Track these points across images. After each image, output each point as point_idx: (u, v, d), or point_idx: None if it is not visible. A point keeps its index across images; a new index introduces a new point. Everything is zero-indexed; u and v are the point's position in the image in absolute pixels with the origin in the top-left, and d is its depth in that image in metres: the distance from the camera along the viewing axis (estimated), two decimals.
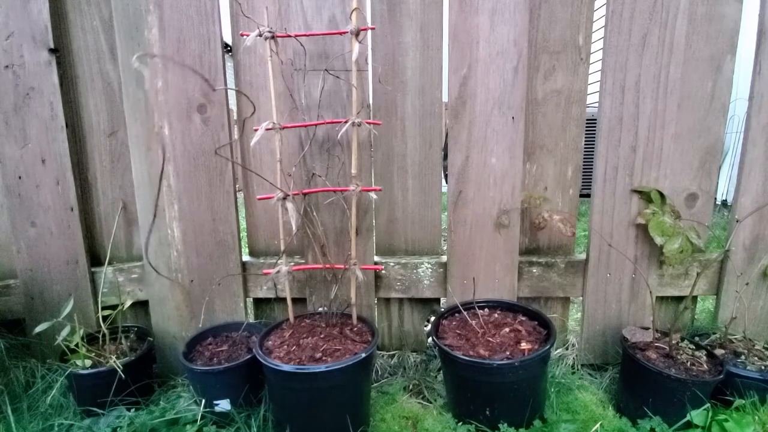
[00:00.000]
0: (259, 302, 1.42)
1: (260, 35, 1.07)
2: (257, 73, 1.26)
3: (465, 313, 1.23)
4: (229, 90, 1.23)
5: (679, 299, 1.31)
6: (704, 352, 1.11)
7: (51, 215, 1.28)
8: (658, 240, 1.17)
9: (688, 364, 1.07)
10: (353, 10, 1.06)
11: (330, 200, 1.26)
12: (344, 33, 1.11)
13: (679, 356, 1.09)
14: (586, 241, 1.30)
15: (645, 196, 1.22)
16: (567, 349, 1.37)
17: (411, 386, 1.28)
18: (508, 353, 1.05)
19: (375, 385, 1.28)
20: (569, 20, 1.22)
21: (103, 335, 1.23)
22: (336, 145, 1.23)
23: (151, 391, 1.28)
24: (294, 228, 1.10)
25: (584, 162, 1.35)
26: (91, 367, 1.15)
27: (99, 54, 1.27)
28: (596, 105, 1.22)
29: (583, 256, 1.32)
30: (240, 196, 1.37)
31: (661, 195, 1.21)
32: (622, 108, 1.19)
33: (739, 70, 1.24)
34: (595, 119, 1.22)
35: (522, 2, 1.16)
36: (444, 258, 1.33)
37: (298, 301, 1.35)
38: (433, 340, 1.17)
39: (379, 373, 1.34)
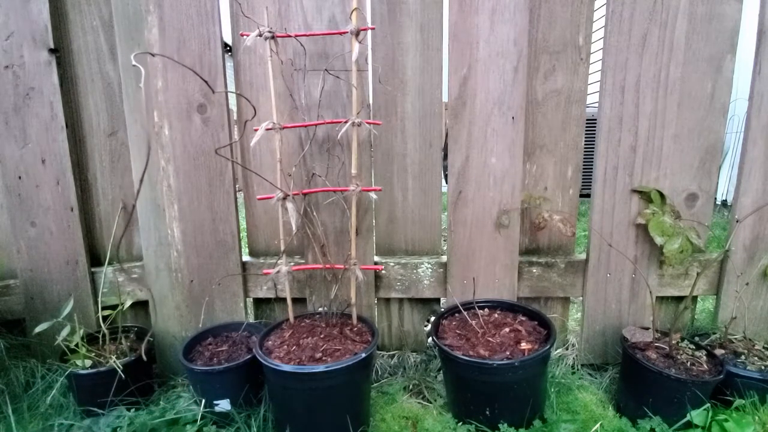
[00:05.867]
0: (259, 302, 1.42)
1: (260, 35, 1.07)
2: (257, 73, 1.26)
3: (465, 313, 1.23)
4: (230, 86, 1.23)
5: (679, 299, 1.31)
6: (704, 352, 1.11)
7: (51, 215, 1.28)
8: (658, 240, 1.17)
9: (688, 364, 1.07)
10: (353, 10, 1.06)
11: (330, 200, 1.26)
12: (344, 33, 1.11)
13: (679, 356, 1.09)
14: (586, 241, 1.30)
15: (645, 196, 1.22)
16: (567, 349, 1.37)
17: (411, 386, 1.28)
18: (508, 353, 1.05)
19: (375, 385, 1.28)
20: (569, 20, 1.22)
21: (103, 335, 1.23)
22: (336, 145, 1.23)
23: (151, 391, 1.28)
24: (294, 228, 1.10)
25: (584, 162, 1.35)
26: (91, 367, 1.15)
27: (99, 54, 1.27)
28: (596, 105, 1.22)
29: (583, 256, 1.32)
30: (240, 196, 1.37)
31: (661, 195, 1.21)
32: (622, 108, 1.19)
33: (739, 70, 1.24)
34: (595, 119, 1.22)
35: (522, 2, 1.16)
36: (444, 258, 1.33)
37: (298, 301, 1.35)
38: (433, 340, 1.17)
39: (379, 373, 1.34)
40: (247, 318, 1.35)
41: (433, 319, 1.32)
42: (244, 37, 1.12)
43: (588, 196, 1.32)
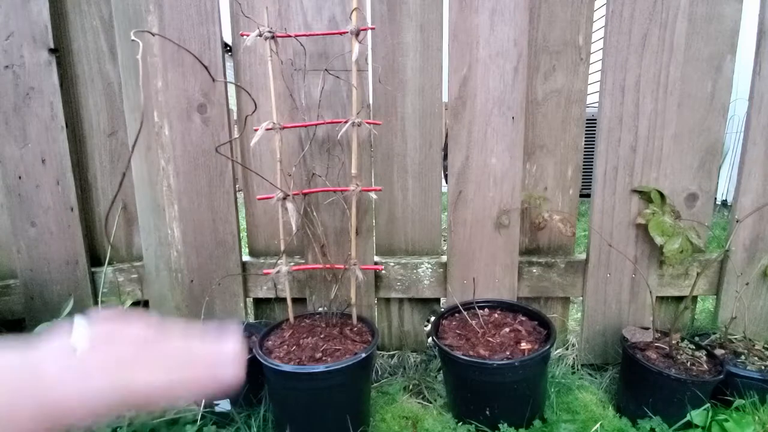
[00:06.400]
0: (259, 302, 1.42)
1: (260, 35, 1.07)
2: (257, 73, 1.26)
3: (465, 313, 1.23)
4: (229, 87, 1.23)
5: (679, 299, 1.31)
6: (704, 352, 1.11)
7: (51, 215, 1.28)
8: (658, 240, 1.17)
9: (688, 364, 1.07)
10: (353, 10, 1.06)
11: (330, 200, 1.26)
12: (344, 33, 1.10)
13: (679, 356, 1.09)
14: (586, 241, 1.30)
15: (645, 196, 1.22)
16: (567, 349, 1.37)
17: (411, 386, 1.28)
18: (508, 353, 1.05)
19: (375, 385, 1.28)
20: (569, 20, 1.22)
21: None
22: (336, 145, 1.23)
23: None
24: (294, 228, 1.10)
25: (584, 162, 1.35)
26: None
27: (99, 54, 1.27)
28: (596, 105, 1.22)
29: (583, 256, 1.32)
30: (240, 196, 1.37)
31: (661, 195, 1.21)
32: (622, 108, 1.19)
33: (739, 70, 1.24)
34: (595, 119, 1.22)
35: (522, 2, 1.16)
36: (444, 258, 1.33)
37: (298, 301, 1.35)
38: (433, 340, 1.17)
39: (379, 373, 1.34)
40: (247, 318, 1.35)
41: (433, 319, 1.32)
42: (244, 37, 1.12)
43: (588, 196, 1.32)
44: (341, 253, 1.29)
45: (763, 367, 1.09)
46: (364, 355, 1.01)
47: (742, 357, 1.13)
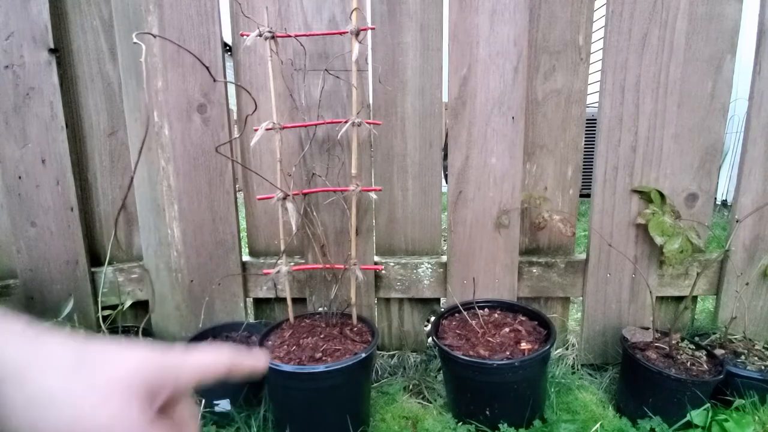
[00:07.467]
0: (259, 302, 1.42)
1: (260, 35, 1.07)
2: (257, 73, 1.26)
3: (465, 313, 1.23)
4: (230, 86, 1.23)
5: (679, 299, 1.31)
6: (704, 352, 1.11)
7: (51, 215, 1.28)
8: (658, 240, 1.17)
9: (688, 364, 1.07)
10: (353, 10, 1.06)
11: (330, 200, 1.26)
12: (344, 33, 1.10)
13: (679, 356, 1.09)
14: (586, 241, 1.30)
15: (645, 196, 1.22)
16: (567, 349, 1.37)
17: (411, 386, 1.28)
18: (508, 353, 1.05)
19: (375, 385, 1.28)
20: (569, 20, 1.22)
21: (104, 335, 1.23)
22: (336, 145, 1.23)
23: None
24: (294, 228, 1.10)
25: (584, 162, 1.35)
26: None
27: (99, 54, 1.27)
28: (596, 105, 1.22)
29: (583, 256, 1.32)
30: (240, 196, 1.37)
31: (661, 195, 1.21)
32: (622, 108, 1.19)
33: (739, 70, 1.24)
34: (595, 119, 1.22)
35: (522, 2, 1.16)
36: (444, 258, 1.33)
37: (298, 301, 1.35)
38: (433, 340, 1.17)
39: (379, 373, 1.34)
40: (247, 318, 1.35)
41: (433, 319, 1.32)
42: (244, 37, 1.12)
43: (588, 196, 1.32)
44: (341, 253, 1.29)
45: (763, 367, 1.09)
46: (364, 355, 1.01)
47: (742, 357, 1.13)
